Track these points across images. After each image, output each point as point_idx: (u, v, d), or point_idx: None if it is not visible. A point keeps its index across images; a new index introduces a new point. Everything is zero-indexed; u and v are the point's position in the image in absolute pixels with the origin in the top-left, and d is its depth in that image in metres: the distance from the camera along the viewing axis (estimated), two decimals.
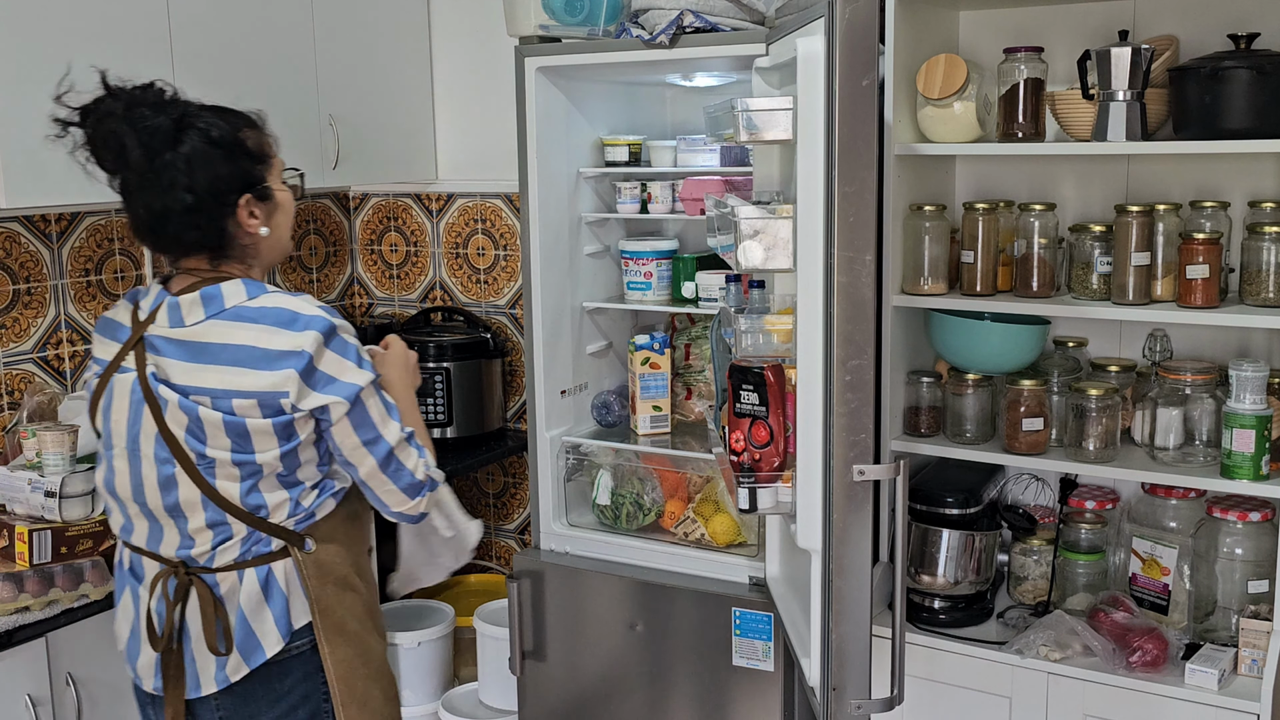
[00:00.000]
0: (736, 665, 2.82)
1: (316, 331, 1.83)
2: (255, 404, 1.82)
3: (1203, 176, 2.60)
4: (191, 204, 1.84)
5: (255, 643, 1.91)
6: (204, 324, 1.86)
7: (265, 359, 1.82)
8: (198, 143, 1.84)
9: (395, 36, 3.41)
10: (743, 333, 2.38)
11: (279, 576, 1.92)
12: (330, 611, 1.96)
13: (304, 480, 1.93)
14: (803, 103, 2.02)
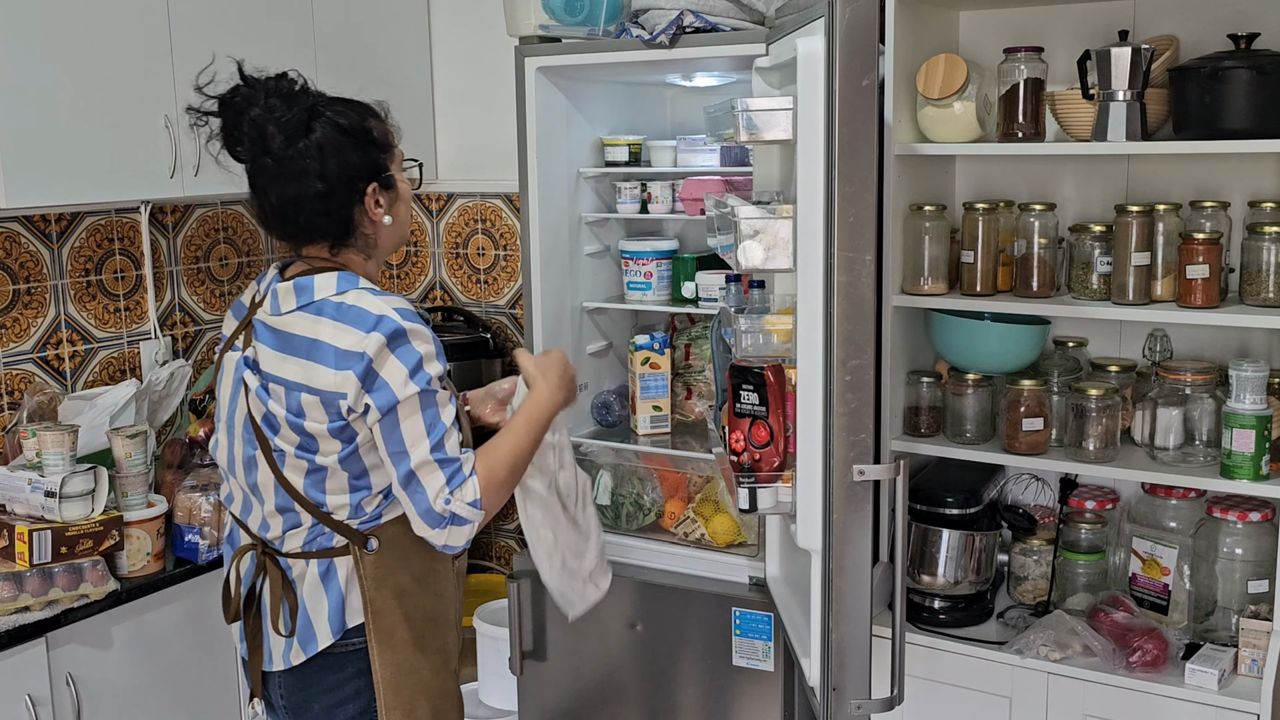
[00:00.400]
0: (736, 665, 2.82)
1: (381, 335, 1.81)
2: (318, 402, 1.83)
3: (1203, 176, 2.60)
4: (323, 191, 1.87)
5: (311, 633, 1.92)
6: (293, 314, 1.87)
7: (334, 357, 1.82)
8: (329, 131, 1.88)
9: (395, 37, 3.41)
10: (743, 333, 2.38)
11: (339, 573, 1.92)
12: (382, 616, 1.93)
13: (373, 485, 1.90)
14: (803, 103, 2.02)
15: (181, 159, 2.78)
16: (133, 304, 3.13)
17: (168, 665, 2.56)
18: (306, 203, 1.87)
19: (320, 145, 1.86)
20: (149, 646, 2.52)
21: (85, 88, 2.59)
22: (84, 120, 2.59)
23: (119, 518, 2.42)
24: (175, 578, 2.52)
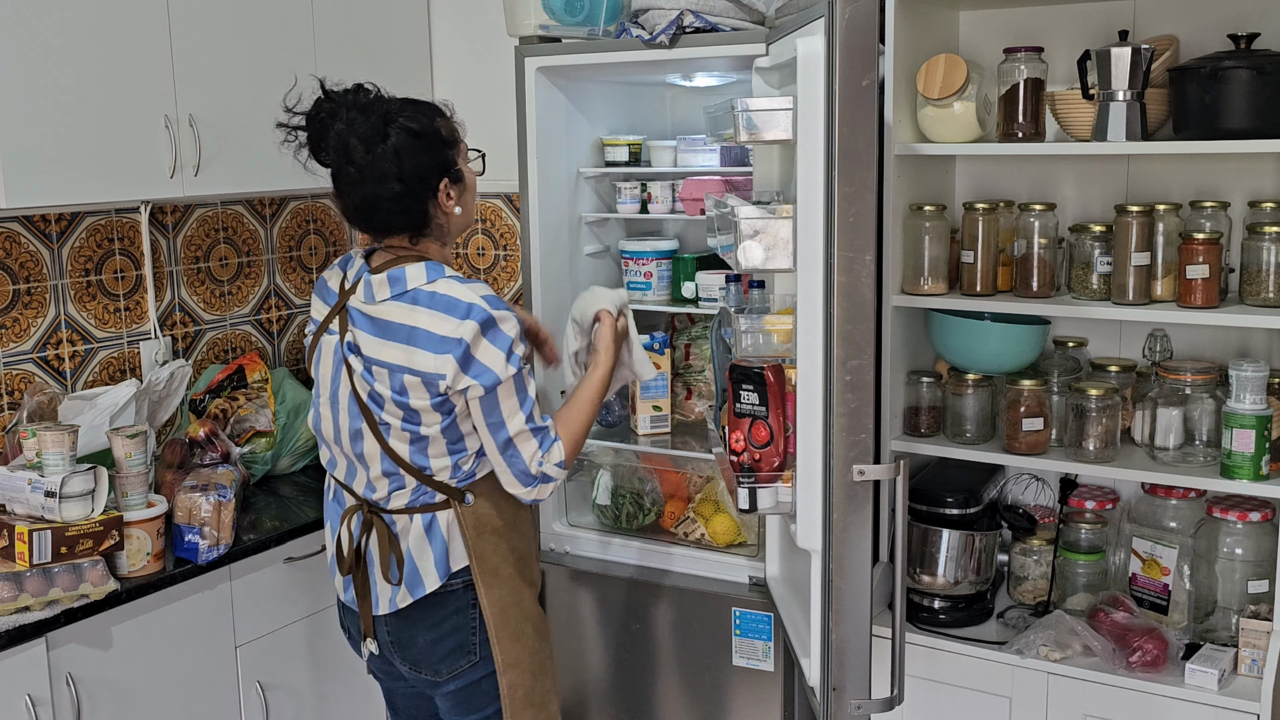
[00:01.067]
0: (736, 665, 2.82)
1: (475, 322, 2.04)
2: (420, 382, 2.06)
3: (1203, 176, 2.60)
4: (400, 191, 2.08)
5: (418, 578, 2.17)
6: (389, 303, 2.10)
7: (432, 342, 2.04)
8: (403, 137, 2.08)
9: (395, 37, 3.41)
10: (743, 333, 2.38)
11: (441, 524, 2.16)
12: (486, 558, 2.18)
13: (468, 448, 2.15)
14: (803, 103, 2.02)
15: (181, 159, 2.78)
16: (133, 304, 3.13)
17: (168, 665, 2.56)
18: (386, 202, 2.09)
19: (396, 150, 2.07)
20: (149, 646, 2.52)
21: (85, 88, 2.59)
22: (84, 120, 2.59)
23: (119, 518, 2.41)
24: (175, 578, 2.52)
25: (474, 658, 2.21)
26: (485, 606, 2.18)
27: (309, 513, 2.86)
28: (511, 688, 2.22)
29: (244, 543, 2.67)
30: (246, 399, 3.06)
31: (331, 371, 2.19)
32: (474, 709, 2.25)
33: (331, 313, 2.19)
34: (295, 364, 3.64)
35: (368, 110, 2.10)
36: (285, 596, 2.81)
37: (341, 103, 2.11)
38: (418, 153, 2.09)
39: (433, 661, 2.21)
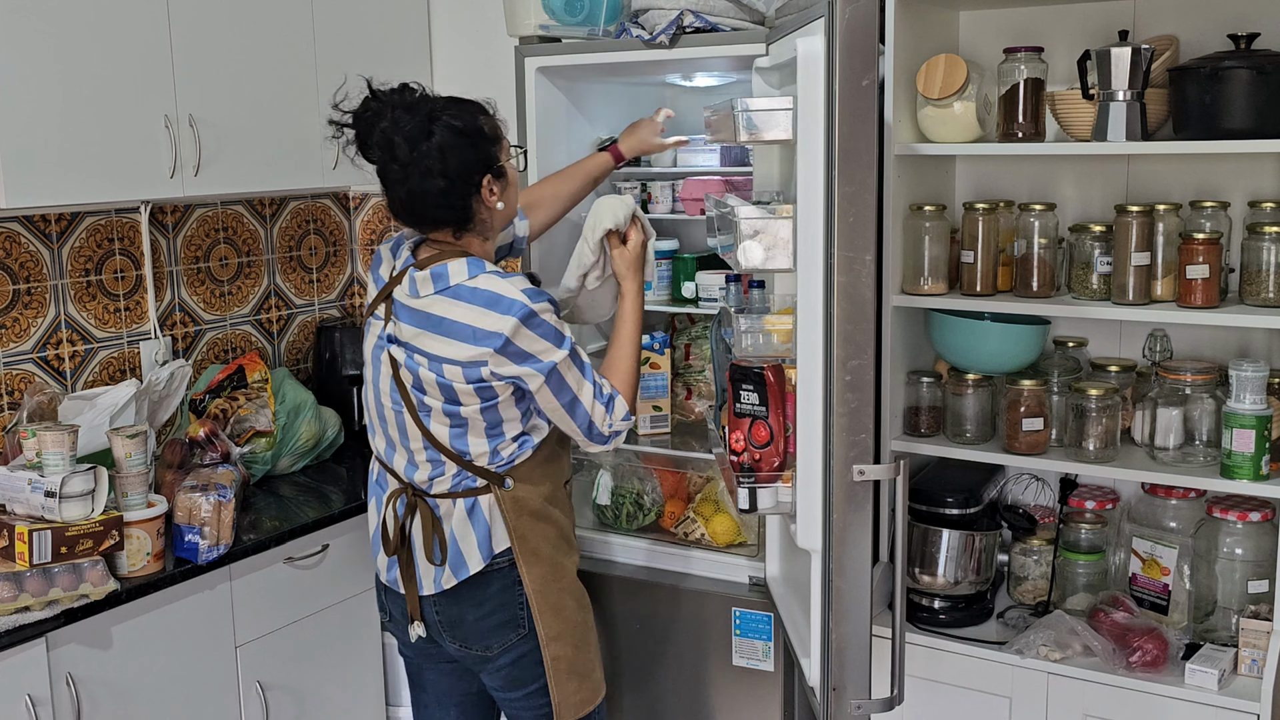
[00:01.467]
0: (736, 665, 2.82)
1: (515, 318, 2.11)
2: (460, 370, 2.14)
3: (1203, 176, 2.60)
4: (445, 188, 2.14)
5: (461, 560, 2.25)
6: (432, 297, 2.16)
7: (472, 336, 2.12)
8: (447, 135, 2.14)
9: (395, 37, 3.41)
10: (743, 333, 2.38)
11: (483, 508, 2.24)
12: (526, 539, 2.27)
13: (506, 434, 2.23)
14: (803, 103, 2.02)
15: (181, 159, 2.78)
16: (133, 304, 3.13)
17: (168, 665, 2.56)
18: (431, 198, 2.15)
19: (441, 147, 2.12)
20: (149, 646, 2.52)
21: (85, 88, 2.59)
22: (84, 120, 2.59)
23: (119, 518, 2.41)
24: (175, 578, 2.52)
25: (523, 630, 2.28)
26: (527, 585, 2.26)
27: (309, 513, 2.86)
28: (555, 660, 2.30)
29: (244, 543, 2.67)
30: (246, 399, 3.06)
31: (373, 355, 2.28)
32: (527, 681, 2.31)
33: (378, 299, 2.27)
34: (295, 364, 3.64)
35: (412, 109, 2.15)
36: (285, 596, 2.81)
37: (387, 101, 2.17)
38: (461, 150, 2.14)
39: (482, 637, 2.28)
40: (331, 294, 3.76)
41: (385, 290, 2.25)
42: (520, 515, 2.26)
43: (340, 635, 2.97)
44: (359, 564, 3.00)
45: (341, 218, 3.78)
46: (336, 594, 2.94)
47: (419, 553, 2.28)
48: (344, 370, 3.48)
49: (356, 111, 2.20)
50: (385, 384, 2.25)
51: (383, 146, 2.14)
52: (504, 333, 2.10)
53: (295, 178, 3.13)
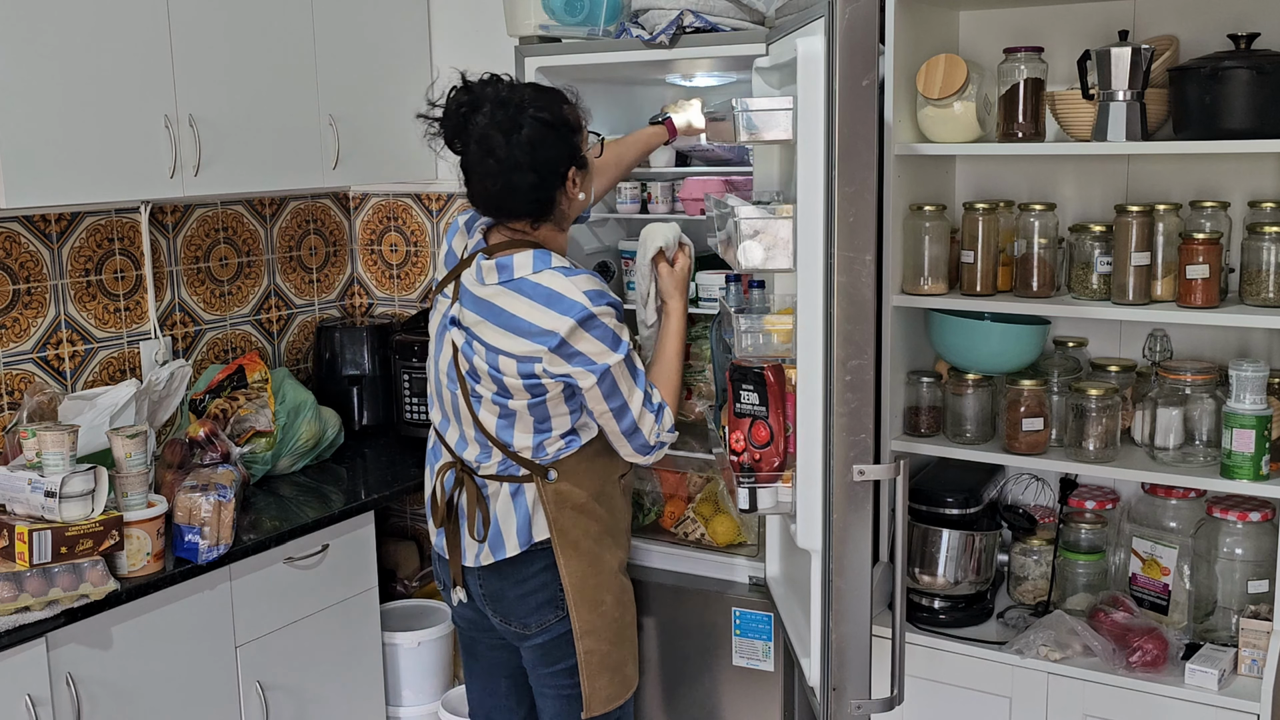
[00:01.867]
0: (736, 665, 2.82)
1: (573, 320, 2.13)
2: (514, 364, 2.17)
3: (1203, 176, 2.60)
4: (535, 181, 2.16)
5: (500, 542, 2.29)
6: (495, 288, 2.19)
7: (528, 332, 2.15)
8: (536, 127, 2.14)
9: (395, 36, 3.41)
10: (743, 333, 2.38)
11: (526, 496, 2.27)
12: (566, 532, 2.28)
13: (554, 430, 2.24)
14: (803, 103, 2.02)
15: (181, 159, 2.78)
16: (133, 304, 3.13)
17: (168, 665, 2.56)
18: (522, 193, 2.17)
19: (531, 141, 2.13)
20: (149, 646, 2.52)
21: (85, 88, 2.59)
22: (84, 120, 2.59)
23: (119, 518, 2.41)
24: (175, 578, 2.52)
25: (561, 612, 2.31)
26: (564, 578, 2.29)
27: (309, 513, 2.86)
28: (588, 653, 2.32)
29: (244, 543, 2.67)
30: (246, 399, 3.06)
31: (437, 332, 2.32)
32: (558, 659, 2.35)
33: (447, 278, 2.30)
34: (295, 364, 3.64)
35: (505, 103, 2.15)
36: (285, 596, 2.81)
37: (481, 95, 2.16)
38: (551, 143, 2.16)
39: (522, 615, 2.32)
40: (331, 294, 3.76)
41: (455, 271, 2.28)
42: (562, 508, 2.28)
43: (340, 635, 2.97)
44: (359, 564, 3.00)
45: (341, 218, 3.78)
46: (336, 594, 2.94)
47: (464, 526, 2.33)
48: (344, 370, 3.49)
49: (447, 105, 2.20)
50: (445, 363, 2.29)
51: (480, 142, 2.14)
52: (560, 332, 2.13)
53: (295, 178, 3.13)
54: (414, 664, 3.20)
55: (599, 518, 2.33)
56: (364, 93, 3.29)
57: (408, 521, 3.83)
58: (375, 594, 3.06)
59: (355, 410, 3.48)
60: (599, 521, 2.33)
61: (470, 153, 2.17)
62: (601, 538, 2.34)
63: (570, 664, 2.34)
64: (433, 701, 3.24)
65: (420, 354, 3.35)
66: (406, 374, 3.38)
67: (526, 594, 2.31)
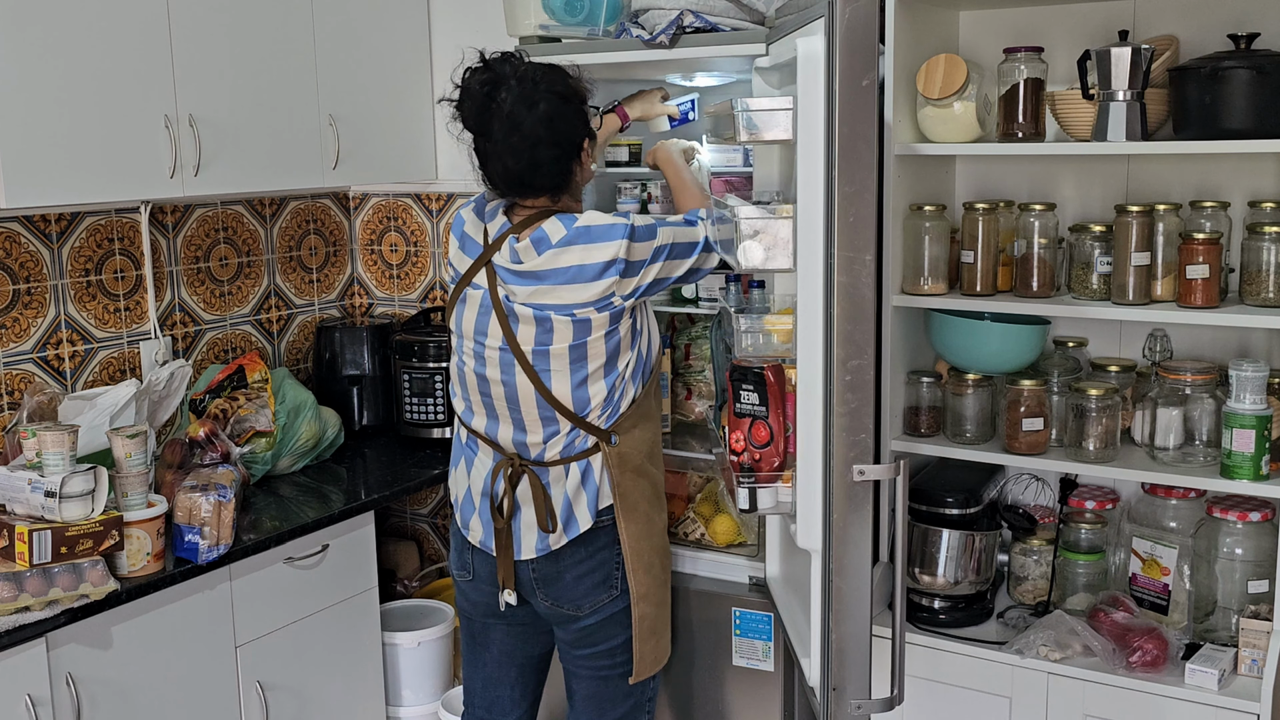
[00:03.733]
0: (736, 665, 2.82)
1: (622, 239, 2.18)
2: (591, 308, 2.21)
3: (1203, 176, 2.60)
4: (557, 154, 2.21)
5: (573, 520, 2.32)
6: (538, 259, 2.21)
7: (593, 274, 2.19)
8: (553, 101, 2.18)
9: (395, 36, 3.41)
10: (743, 333, 2.38)
11: (594, 467, 2.32)
12: (627, 495, 2.34)
13: (619, 367, 2.29)
14: (803, 103, 2.02)
15: (181, 159, 2.78)
16: (133, 304, 3.13)
17: (168, 665, 2.56)
18: (544, 166, 2.20)
19: (549, 115, 2.17)
20: (149, 646, 2.52)
21: (85, 88, 2.59)
22: (84, 120, 2.59)
23: (119, 518, 2.41)
24: (175, 578, 2.52)
25: (614, 591, 2.36)
26: (624, 541, 2.34)
27: (309, 513, 2.86)
28: (641, 619, 2.38)
29: (244, 543, 2.67)
30: (246, 399, 3.06)
31: (476, 323, 2.30)
32: (602, 640, 2.39)
33: (475, 265, 2.30)
34: (295, 364, 3.64)
35: (523, 79, 2.18)
36: (285, 596, 2.81)
37: (501, 73, 2.19)
38: (568, 117, 2.21)
39: (576, 597, 2.35)
40: (331, 294, 3.76)
41: (484, 258, 2.28)
42: (624, 471, 2.33)
43: (340, 635, 2.97)
44: (359, 564, 3.00)
45: (341, 218, 3.78)
46: (336, 594, 2.94)
47: (523, 521, 2.33)
48: (344, 370, 3.49)
49: (464, 83, 2.22)
50: (493, 351, 2.28)
51: (506, 119, 2.16)
52: (620, 256, 2.18)
53: (295, 178, 3.13)
54: (414, 664, 3.20)
55: (652, 479, 2.39)
56: (364, 93, 3.29)
57: (408, 521, 3.84)
58: (375, 594, 3.06)
59: (355, 410, 3.48)
60: (652, 483, 2.40)
61: (494, 131, 2.18)
62: (654, 500, 2.40)
63: (613, 644, 2.38)
64: (433, 701, 3.24)
65: (420, 354, 3.35)
66: (406, 374, 3.38)
67: (582, 576, 2.34)
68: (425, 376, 3.34)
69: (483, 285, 2.29)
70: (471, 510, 2.43)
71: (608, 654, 2.40)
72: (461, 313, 2.34)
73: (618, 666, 2.41)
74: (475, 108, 2.20)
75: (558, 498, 2.32)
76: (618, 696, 2.44)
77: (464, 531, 2.46)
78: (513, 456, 2.34)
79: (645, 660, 2.41)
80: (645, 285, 2.25)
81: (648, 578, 2.38)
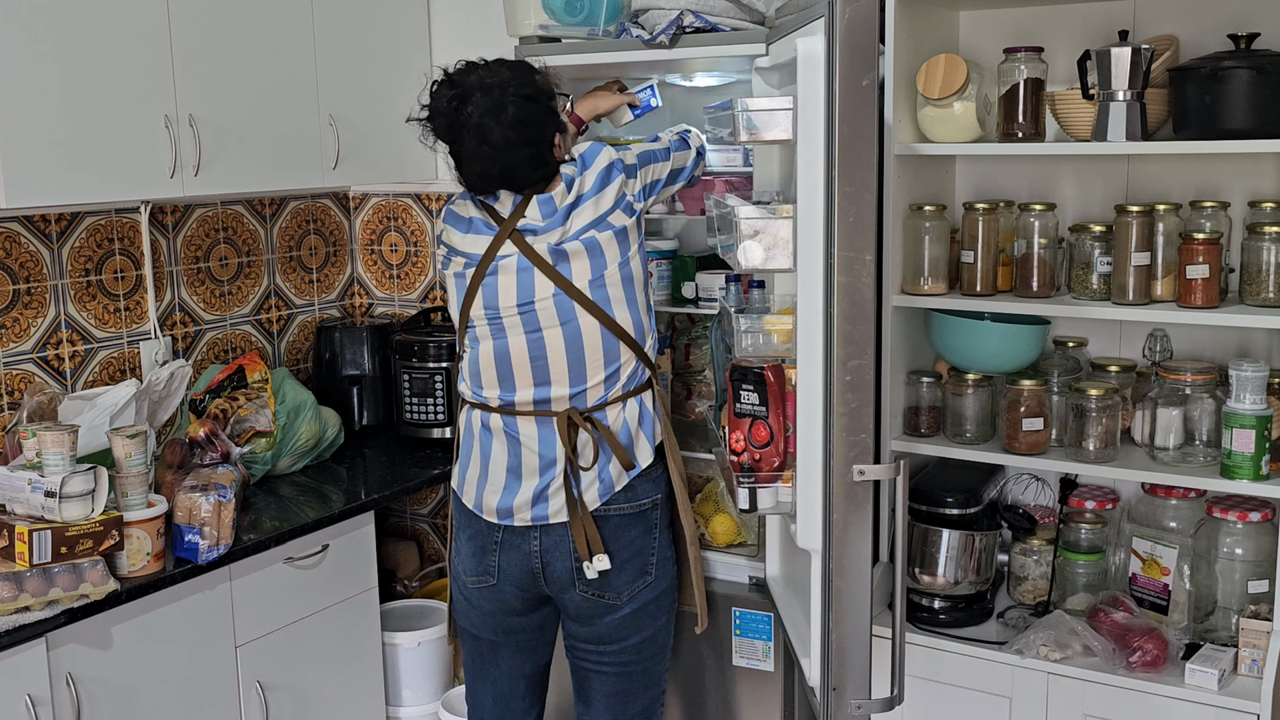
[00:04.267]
0: (736, 665, 2.82)
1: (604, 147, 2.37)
2: (619, 211, 2.34)
3: (1203, 176, 2.60)
4: (531, 154, 2.28)
5: (635, 454, 2.40)
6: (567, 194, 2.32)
7: (602, 182, 2.33)
8: (520, 104, 2.25)
9: (395, 36, 3.41)
10: (743, 333, 2.38)
11: (647, 403, 2.43)
12: (669, 432, 2.46)
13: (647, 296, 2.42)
14: (803, 103, 2.02)
15: (181, 159, 2.78)
16: (133, 304, 3.13)
17: (168, 665, 2.56)
18: (520, 166, 2.28)
19: (518, 119, 2.24)
20: (149, 646, 2.52)
21: (85, 88, 2.59)
22: (84, 120, 2.59)
23: (119, 518, 2.41)
24: (175, 578, 2.52)
25: (649, 578, 2.41)
26: (673, 476, 2.46)
27: (309, 513, 2.86)
28: (695, 561, 2.51)
29: (244, 543, 2.67)
30: (246, 399, 3.06)
31: (518, 289, 2.34)
32: (633, 631, 2.43)
33: (497, 240, 2.34)
34: (295, 364, 3.64)
35: (489, 88, 2.24)
36: (285, 596, 2.81)
37: (466, 85, 2.25)
38: (536, 117, 2.27)
39: (618, 585, 2.39)
40: (331, 294, 3.76)
41: (507, 226, 2.33)
42: (664, 408, 2.47)
43: (340, 635, 2.97)
44: (359, 564, 3.00)
45: (341, 218, 3.78)
46: (336, 594, 2.94)
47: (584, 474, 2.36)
48: (344, 370, 3.49)
49: (435, 102, 2.29)
50: (546, 308, 2.32)
51: (475, 132, 2.23)
52: (615, 158, 2.35)
53: (295, 178, 3.13)
54: (414, 664, 3.20)
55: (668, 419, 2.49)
56: (364, 93, 3.29)
57: (408, 521, 3.84)
58: (375, 594, 3.06)
59: (355, 410, 3.48)
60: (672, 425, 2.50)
61: (465, 142, 2.25)
62: (676, 438, 2.50)
63: (643, 636, 2.43)
64: (432, 701, 3.24)
65: (420, 354, 3.35)
66: (406, 374, 3.38)
67: (622, 563, 2.38)
68: (425, 376, 3.34)
69: (512, 252, 2.33)
70: (511, 495, 2.39)
71: (635, 648, 2.43)
72: (494, 288, 2.35)
73: (643, 660, 2.45)
74: (445, 123, 2.27)
75: (621, 434, 2.38)
76: (639, 689, 2.48)
77: (496, 522, 2.41)
78: (569, 412, 2.35)
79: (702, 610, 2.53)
80: (649, 183, 2.42)
81: (686, 517, 2.48)
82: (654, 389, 2.44)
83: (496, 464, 2.41)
